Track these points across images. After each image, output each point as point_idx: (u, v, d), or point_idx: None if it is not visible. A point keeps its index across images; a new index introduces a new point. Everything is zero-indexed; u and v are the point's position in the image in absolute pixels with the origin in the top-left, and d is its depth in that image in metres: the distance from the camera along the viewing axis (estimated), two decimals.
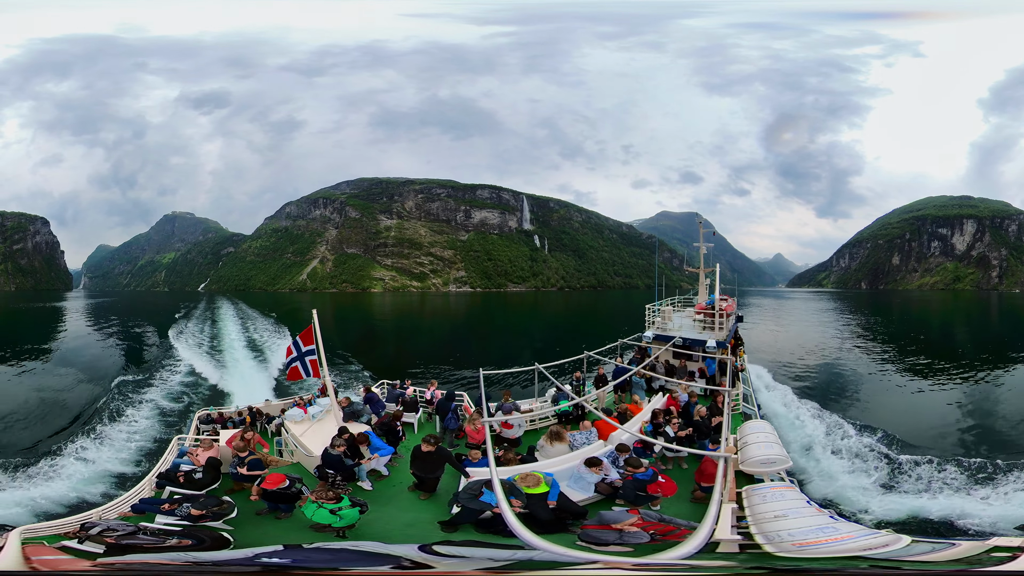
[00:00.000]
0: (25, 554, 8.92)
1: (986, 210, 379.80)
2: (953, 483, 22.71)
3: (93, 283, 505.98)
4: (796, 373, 47.11)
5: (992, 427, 31.55)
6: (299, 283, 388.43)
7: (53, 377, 46.80)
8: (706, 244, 32.55)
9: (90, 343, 74.00)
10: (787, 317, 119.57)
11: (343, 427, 15.40)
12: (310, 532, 11.97)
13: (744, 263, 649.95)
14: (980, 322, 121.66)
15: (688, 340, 26.86)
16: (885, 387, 44.33)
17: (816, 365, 52.27)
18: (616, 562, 9.45)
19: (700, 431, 16.99)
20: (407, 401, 20.96)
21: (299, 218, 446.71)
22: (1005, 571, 8.04)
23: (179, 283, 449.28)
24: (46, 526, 11.42)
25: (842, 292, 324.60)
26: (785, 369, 47.83)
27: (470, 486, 12.52)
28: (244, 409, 23.52)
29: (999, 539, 8.99)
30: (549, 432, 16.30)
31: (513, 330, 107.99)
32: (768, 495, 11.98)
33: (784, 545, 9.87)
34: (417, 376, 42.63)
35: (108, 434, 28.87)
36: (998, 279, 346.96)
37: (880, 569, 9.14)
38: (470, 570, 9.98)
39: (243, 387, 41.40)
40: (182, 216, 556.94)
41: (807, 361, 54.57)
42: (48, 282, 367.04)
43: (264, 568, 10.05)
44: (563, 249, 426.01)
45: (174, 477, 14.55)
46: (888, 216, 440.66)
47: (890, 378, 47.62)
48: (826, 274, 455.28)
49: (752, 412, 20.92)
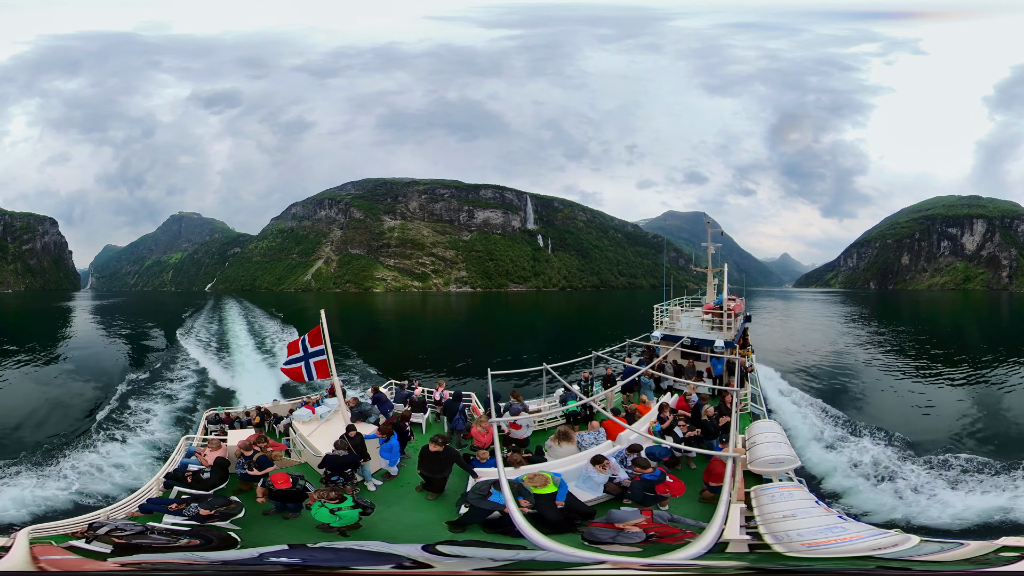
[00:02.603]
0: (33, 554, 8.93)
1: (995, 210, 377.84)
2: (960, 482, 22.55)
3: (100, 283, 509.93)
4: (805, 373, 46.86)
5: (1001, 427, 31.30)
6: (304, 283, 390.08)
7: (62, 377, 47.02)
8: (714, 244, 32.41)
9: (99, 343, 74.36)
10: (796, 317, 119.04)
11: (350, 425, 15.42)
12: (316, 532, 12.00)
13: (751, 263, 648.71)
14: (990, 322, 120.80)
15: (696, 340, 26.76)
16: (894, 387, 44.02)
17: (825, 365, 51.96)
18: (625, 562, 9.40)
19: (708, 431, 16.93)
20: (415, 401, 20.97)
21: (305, 219, 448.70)
22: (1014, 571, 7.97)
23: (186, 283, 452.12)
24: (54, 526, 11.44)
25: (851, 292, 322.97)
26: (794, 369, 47.58)
27: (478, 486, 12.50)
28: (252, 409, 23.53)
29: (1008, 539, 8.93)
30: (557, 432, 16.29)
31: (518, 330, 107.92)
32: (777, 495, 11.90)
33: (793, 545, 9.80)
34: (423, 377, 42.68)
35: (116, 434, 28.96)
36: (1008, 279, 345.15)
37: (889, 570, 9.07)
38: (472, 569, 9.96)
39: (251, 387, 41.47)
40: (189, 216, 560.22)
41: (816, 361, 54.26)
42: (56, 282, 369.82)
43: (266, 567, 10.06)
44: (566, 249, 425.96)
45: (182, 477, 14.59)
46: (896, 216, 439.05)
47: (900, 378, 47.31)
48: (834, 274, 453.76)
49: (760, 412, 20.82)
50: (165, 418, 33.01)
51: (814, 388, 39.75)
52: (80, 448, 26.25)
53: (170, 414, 33.94)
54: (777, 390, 36.44)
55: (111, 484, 23.19)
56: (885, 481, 23.02)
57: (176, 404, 36.31)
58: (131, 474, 24.44)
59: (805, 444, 26.80)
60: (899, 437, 27.45)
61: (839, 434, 28.16)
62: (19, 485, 22.08)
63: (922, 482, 22.80)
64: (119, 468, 24.95)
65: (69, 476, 23.25)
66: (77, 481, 22.94)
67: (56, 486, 22.29)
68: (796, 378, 42.97)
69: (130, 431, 29.84)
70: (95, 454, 25.94)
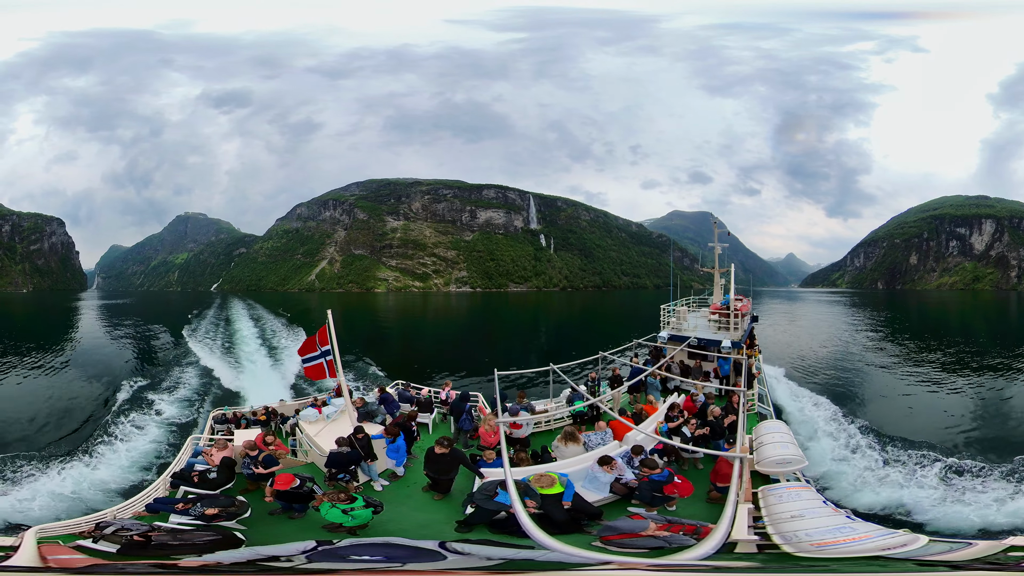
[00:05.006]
0: (41, 553, 8.97)
1: (1003, 210, 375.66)
2: (969, 483, 22.40)
3: (107, 283, 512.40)
4: (813, 374, 46.65)
5: (1012, 429, 31.09)
6: (308, 283, 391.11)
7: (70, 376, 47.22)
8: (720, 244, 32.31)
9: (107, 343, 74.65)
10: (803, 318, 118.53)
11: (358, 427, 15.42)
12: (323, 532, 11.99)
13: (757, 263, 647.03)
14: (1000, 323, 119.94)
15: (703, 340, 26.65)
16: (904, 387, 43.77)
17: (834, 366, 51.67)
18: (631, 563, 9.38)
19: (714, 431, 16.88)
20: (422, 401, 20.94)
21: (309, 219, 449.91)
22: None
23: (192, 283, 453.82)
24: (61, 525, 11.49)
25: (858, 292, 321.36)
26: (802, 369, 47.40)
27: (485, 486, 12.48)
28: (259, 409, 23.58)
29: (1016, 538, 8.93)
30: (563, 433, 16.25)
31: (522, 330, 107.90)
32: (784, 495, 11.88)
33: (802, 545, 9.78)
34: (429, 377, 42.68)
35: (123, 434, 29.06)
36: (1017, 279, 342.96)
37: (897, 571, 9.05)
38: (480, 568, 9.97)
39: (257, 387, 41.56)
40: (195, 217, 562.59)
41: (825, 362, 53.98)
42: (63, 282, 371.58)
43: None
44: (569, 248, 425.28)
45: (188, 477, 14.63)
46: (904, 215, 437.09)
47: (909, 378, 47.05)
48: (840, 274, 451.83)
49: (768, 412, 20.75)
50: (172, 418, 33.10)
51: (822, 389, 39.54)
52: (87, 447, 26.34)
53: (177, 414, 34.03)
54: (784, 390, 36.29)
55: (118, 484, 23.25)
56: (893, 481, 22.88)
57: (183, 404, 36.40)
58: (138, 474, 24.52)
59: (812, 444, 26.66)
60: (908, 437, 27.32)
61: (847, 434, 27.98)
62: (27, 484, 22.18)
63: (931, 482, 22.66)
64: (126, 468, 25.03)
65: (76, 475, 23.32)
66: (84, 480, 23.01)
67: (63, 485, 22.35)
68: (804, 379, 42.79)
69: (137, 431, 29.93)
70: (102, 453, 26.03)
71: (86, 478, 23.30)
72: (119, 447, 27.20)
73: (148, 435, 29.58)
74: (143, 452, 27.14)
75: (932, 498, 21.42)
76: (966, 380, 44.95)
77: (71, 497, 21.55)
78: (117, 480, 23.67)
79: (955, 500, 21.21)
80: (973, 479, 22.73)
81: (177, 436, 29.36)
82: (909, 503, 21.24)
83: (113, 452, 26.47)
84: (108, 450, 26.58)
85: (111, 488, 22.75)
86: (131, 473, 24.57)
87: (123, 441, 28.05)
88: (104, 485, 22.96)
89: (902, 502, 21.35)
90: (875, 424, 29.48)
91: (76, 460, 24.79)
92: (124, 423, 30.77)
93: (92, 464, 24.74)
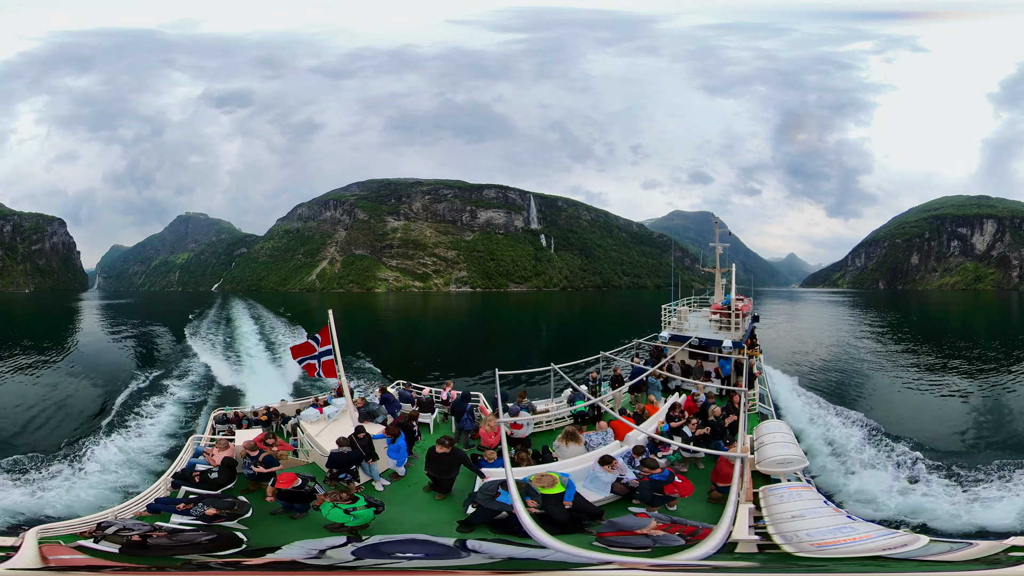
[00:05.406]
0: (42, 553, 8.98)
1: (1005, 210, 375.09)
2: (970, 483, 22.37)
3: (108, 283, 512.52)
4: (814, 373, 46.60)
5: (1016, 430, 31.05)
6: (308, 283, 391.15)
7: (71, 376, 47.22)
8: (721, 244, 32.29)
9: (107, 343, 74.64)
10: (804, 318, 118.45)
11: (359, 427, 15.43)
12: (324, 532, 12.00)
13: (757, 263, 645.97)
14: (1003, 323, 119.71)
15: (704, 340, 26.65)
16: (905, 387, 43.72)
17: (836, 366, 51.63)
18: (632, 562, 9.39)
19: (715, 431, 16.88)
20: (423, 401, 20.95)
21: (310, 219, 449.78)
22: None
23: (192, 283, 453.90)
24: (62, 526, 11.49)
25: (859, 292, 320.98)
26: (803, 369, 47.30)
27: (487, 486, 12.49)
28: (261, 409, 23.58)
29: (1016, 539, 8.93)
30: (564, 433, 16.26)
31: (523, 330, 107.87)
32: (785, 495, 11.89)
33: (803, 545, 9.79)
34: (429, 377, 42.66)
35: (124, 433, 29.04)
36: (1019, 279, 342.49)
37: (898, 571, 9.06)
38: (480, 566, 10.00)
39: (258, 387, 41.55)
40: (196, 217, 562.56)
41: (827, 362, 53.91)
42: (65, 282, 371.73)
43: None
44: (570, 248, 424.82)
45: (190, 477, 14.65)
46: (905, 215, 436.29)
47: (911, 378, 46.97)
48: (841, 274, 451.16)
49: (769, 412, 20.74)
50: (173, 418, 33.09)
51: (823, 388, 39.50)
52: (88, 447, 26.26)
53: (178, 414, 34.03)
54: (786, 390, 36.23)
55: (119, 484, 23.24)
56: (895, 481, 22.86)
57: (184, 404, 36.38)
58: (139, 474, 24.51)
59: (813, 444, 26.63)
60: (909, 437, 27.26)
61: (848, 434, 27.95)
62: (27, 485, 22.16)
63: (932, 482, 22.63)
64: (127, 468, 25.01)
65: (77, 476, 23.29)
66: (85, 480, 22.99)
67: (64, 486, 22.33)
68: (805, 378, 42.67)
69: (138, 430, 29.92)
70: (103, 453, 25.96)
71: (87, 478, 23.29)
72: (119, 447, 27.15)
73: (149, 435, 29.56)
74: (144, 452, 27.11)
75: (932, 498, 21.41)
76: (967, 380, 44.86)
77: (72, 497, 21.55)
78: (118, 480, 23.66)
79: (955, 500, 21.20)
80: (974, 479, 22.70)
81: (178, 436, 29.36)
82: (910, 502, 21.21)
83: (113, 452, 26.41)
84: (108, 450, 26.53)
85: (112, 488, 22.75)
86: (132, 473, 24.56)
87: (123, 441, 28.02)
88: (105, 485, 22.95)
89: (904, 502, 21.32)
90: (878, 423, 29.40)
91: (77, 460, 24.75)
92: (124, 423, 30.78)
93: (92, 464, 24.70)
